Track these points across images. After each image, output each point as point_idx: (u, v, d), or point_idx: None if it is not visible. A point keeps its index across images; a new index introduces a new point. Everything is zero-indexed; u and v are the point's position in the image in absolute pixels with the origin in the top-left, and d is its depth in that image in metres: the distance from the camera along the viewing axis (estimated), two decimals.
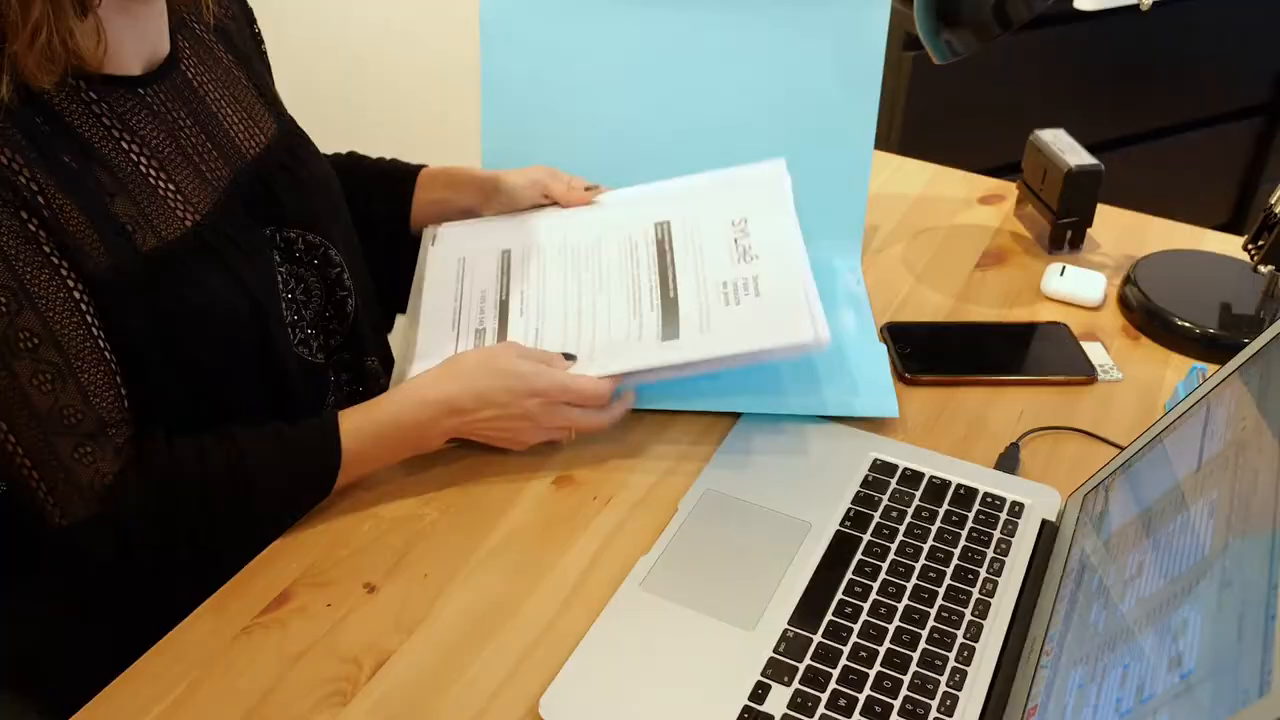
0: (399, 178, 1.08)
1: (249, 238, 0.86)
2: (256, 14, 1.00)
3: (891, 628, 0.74)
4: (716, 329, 0.89)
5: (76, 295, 0.75)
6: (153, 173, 0.80)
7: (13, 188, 0.71)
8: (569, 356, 0.89)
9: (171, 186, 0.81)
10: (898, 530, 0.81)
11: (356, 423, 0.82)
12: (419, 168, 1.09)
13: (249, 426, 0.81)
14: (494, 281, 0.99)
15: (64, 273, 0.74)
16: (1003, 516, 0.82)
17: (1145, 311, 1.04)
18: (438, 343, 0.95)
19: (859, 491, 0.84)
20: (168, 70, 0.84)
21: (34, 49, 0.71)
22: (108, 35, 0.77)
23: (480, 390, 0.84)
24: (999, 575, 0.78)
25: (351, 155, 1.11)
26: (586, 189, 1.05)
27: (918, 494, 0.84)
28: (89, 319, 0.75)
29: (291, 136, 0.95)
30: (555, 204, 1.05)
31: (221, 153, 0.87)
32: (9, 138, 0.72)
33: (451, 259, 1.03)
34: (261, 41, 1.01)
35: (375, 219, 1.06)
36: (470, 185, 1.06)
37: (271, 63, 1.03)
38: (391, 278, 1.06)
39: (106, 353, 0.77)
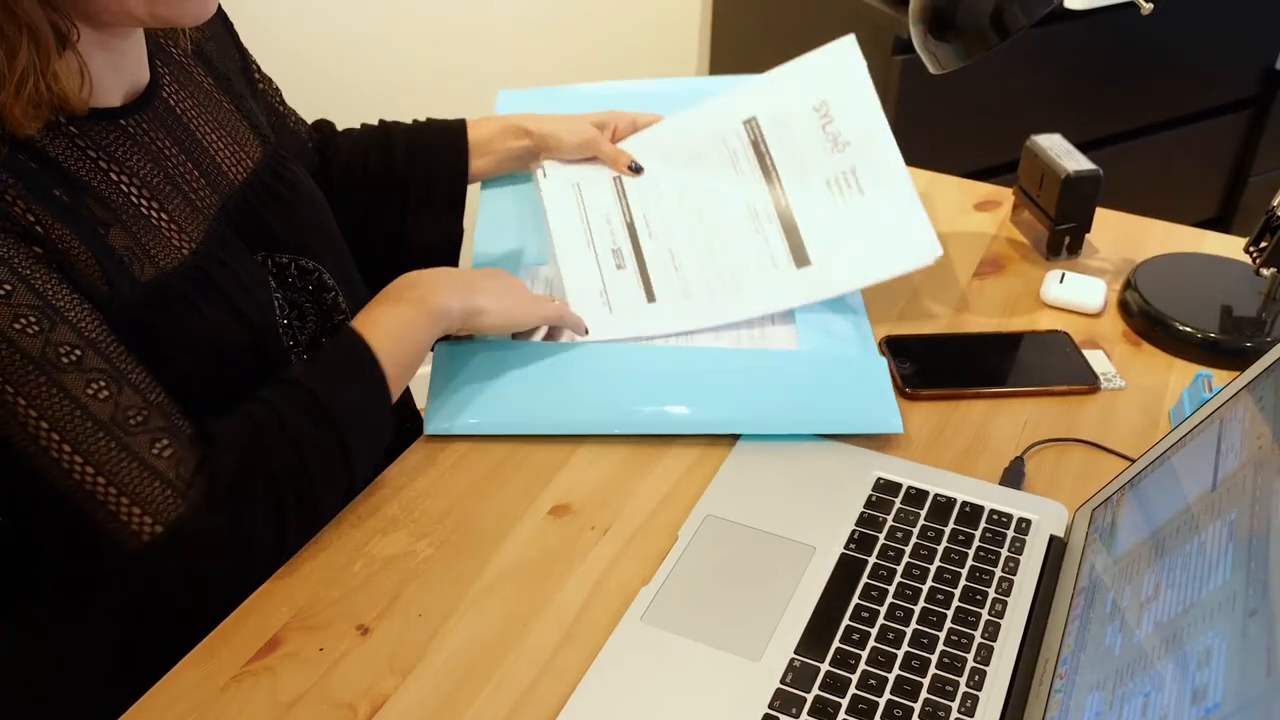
0: (450, 135, 1.10)
1: (244, 265, 0.84)
2: (253, 24, 0.98)
3: (900, 653, 0.72)
4: (843, 249, 0.99)
5: (96, 310, 0.73)
6: (144, 203, 0.79)
7: (10, 218, 0.70)
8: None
9: (165, 216, 0.80)
10: (903, 551, 0.79)
11: (361, 312, 0.87)
12: (462, 122, 1.10)
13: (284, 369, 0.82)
14: (615, 205, 1.06)
15: (77, 293, 0.72)
16: (1010, 534, 0.80)
17: (1146, 317, 1.02)
18: (579, 264, 1.02)
19: (863, 512, 0.82)
20: (149, 99, 0.83)
21: (21, 98, 0.70)
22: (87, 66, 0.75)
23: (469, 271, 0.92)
24: (1008, 595, 0.76)
25: (383, 125, 1.12)
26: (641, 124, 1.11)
27: (923, 513, 0.82)
28: (106, 326, 0.74)
29: (277, 157, 0.94)
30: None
31: (209, 180, 0.85)
32: (5, 180, 0.70)
33: (567, 187, 1.08)
34: (250, 59, 0.99)
35: (433, 181, 1.09)
36: (523, 134, 1.09)
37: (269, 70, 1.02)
38: (453, 238, 1.11)
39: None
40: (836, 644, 0.72)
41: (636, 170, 1.07)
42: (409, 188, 1.08)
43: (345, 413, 0.80)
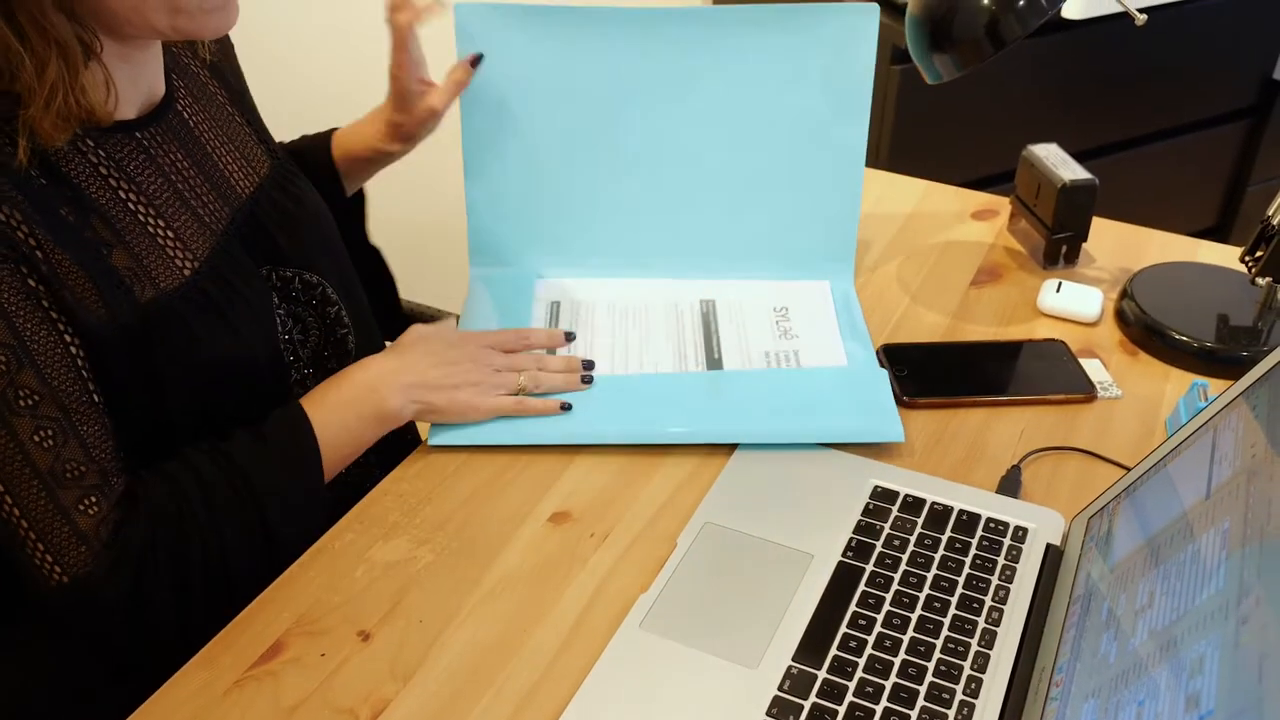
0: (317, 149, 1.07)
1: (248, 282, 0.85)
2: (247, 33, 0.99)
3: (897, 661, 0.72)
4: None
5: (73, 351, 0.74)
6: (150, 220, 0.80)
7: (12, 244, 0.71)
8: (569, 335, 0.95)
9: (170, 233, 0.81)
10: (900, 559, 0.80)
11: (315, 396, 0.84)
12: (329, 133, 1.08)
13: (220, 438, 0.80)
14: (542, 324, 1.03)
15: (61, 328, 0.73)
16: (1006, 542, 0.81)
17: (1143, 326, 1.03)
18: None
19: (860, 520, 0.83)
20: (163, 112, 0.84)
21: (50, 111, 0.71)
22: (104, 79, 0.76)
23: (423, 334, 0.90)
24: (1004, 603, 0.76)
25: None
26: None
27: (920, 521, 0.83)
28: (84, 374, 0.74)
29: (283, 171, 0.95)
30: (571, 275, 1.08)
31: (219, 193, 0.86)
32: (6, 195, 0.71)
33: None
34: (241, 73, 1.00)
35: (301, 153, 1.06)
36: (372, 120, 1.05)
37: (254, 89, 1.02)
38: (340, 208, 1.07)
39: (101, 405, 0.75)
40: (834, 651, 0.73)
41: (475, 64, 1.01)
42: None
43: (275, 497, 0.79)
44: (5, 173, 0.72)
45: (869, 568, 0.79)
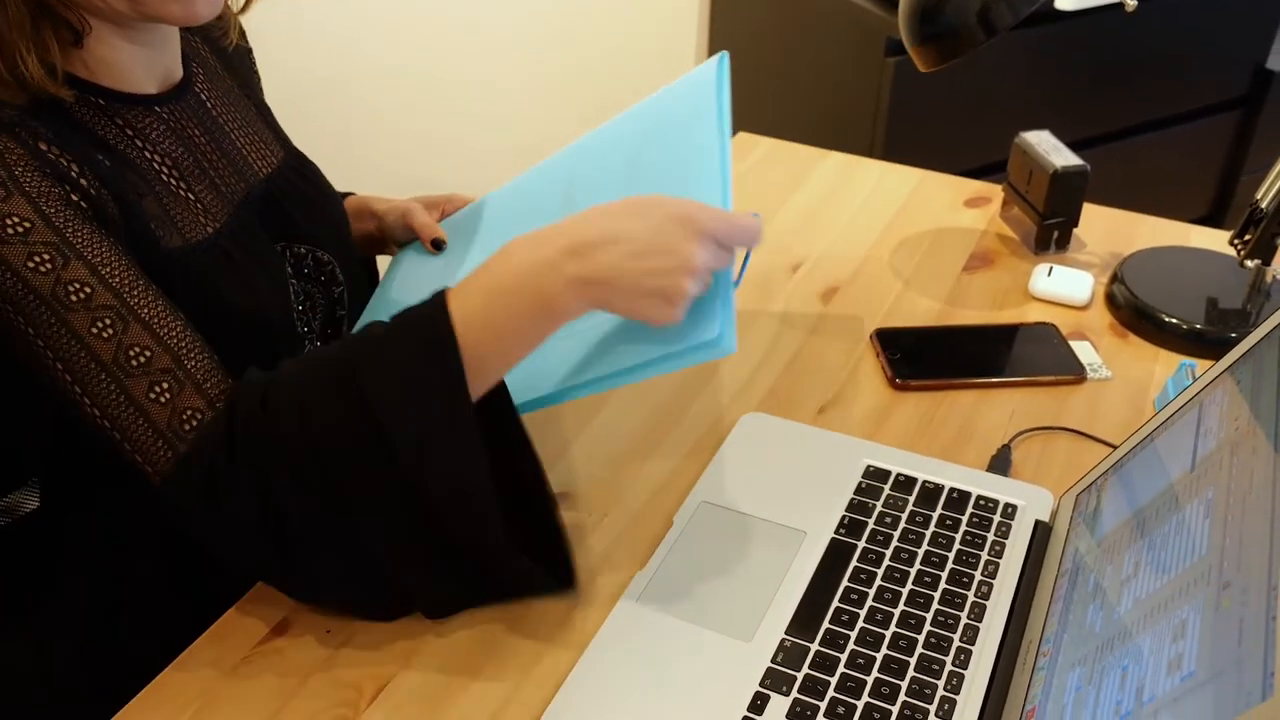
0: None
1: (264, 251, 0.87)
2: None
3: (888, 634, 0.74)
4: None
5: (120, 249, 0.72)
6: (174, 181, 0.81)
7: (61, 174, 0.71)
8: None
9: (192, 195, 0.82)
10: (892, 536, 0.81)
11: (466, 284, 0.70)
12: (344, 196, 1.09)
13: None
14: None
15: (103, 233, 0.72)
16: (996, 519, 0.82)
17: (1133, 309, 1.04)
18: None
19: (853, 498, 0.84)
20: (183, 91, 0.85)
21: None
22: (114, 57, 0.78)
23: (603, 221, 0.69)
24: (994, 578, 0.78)
25: None
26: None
27: (911, 499, 0.84)
28: (133, 267, 0.72)
29: (299, 160, 0.96)
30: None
31: (235, 169, 0.88)
32: (51, 137, 0.71)
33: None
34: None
35: None
36: (367, 217, 1.07)
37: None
38: None
39: (159, 291, 0.72)
40: (826, 625, 0.74)
41: (438, 246, 0.99)
42: None
43: (386, 387, 0.67)
44: (46, 121, 0.72)
45: (861, 544, 0.80)
